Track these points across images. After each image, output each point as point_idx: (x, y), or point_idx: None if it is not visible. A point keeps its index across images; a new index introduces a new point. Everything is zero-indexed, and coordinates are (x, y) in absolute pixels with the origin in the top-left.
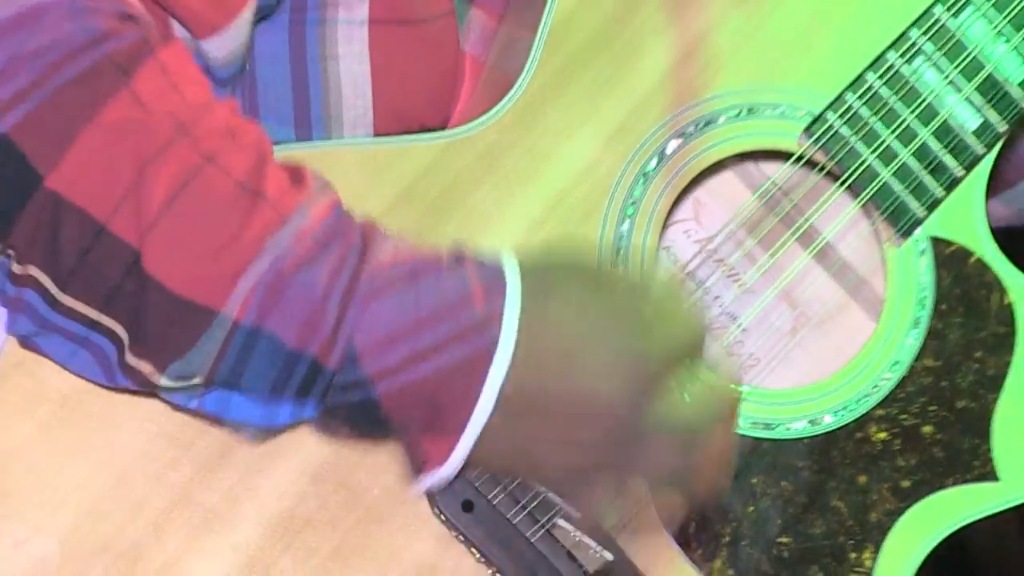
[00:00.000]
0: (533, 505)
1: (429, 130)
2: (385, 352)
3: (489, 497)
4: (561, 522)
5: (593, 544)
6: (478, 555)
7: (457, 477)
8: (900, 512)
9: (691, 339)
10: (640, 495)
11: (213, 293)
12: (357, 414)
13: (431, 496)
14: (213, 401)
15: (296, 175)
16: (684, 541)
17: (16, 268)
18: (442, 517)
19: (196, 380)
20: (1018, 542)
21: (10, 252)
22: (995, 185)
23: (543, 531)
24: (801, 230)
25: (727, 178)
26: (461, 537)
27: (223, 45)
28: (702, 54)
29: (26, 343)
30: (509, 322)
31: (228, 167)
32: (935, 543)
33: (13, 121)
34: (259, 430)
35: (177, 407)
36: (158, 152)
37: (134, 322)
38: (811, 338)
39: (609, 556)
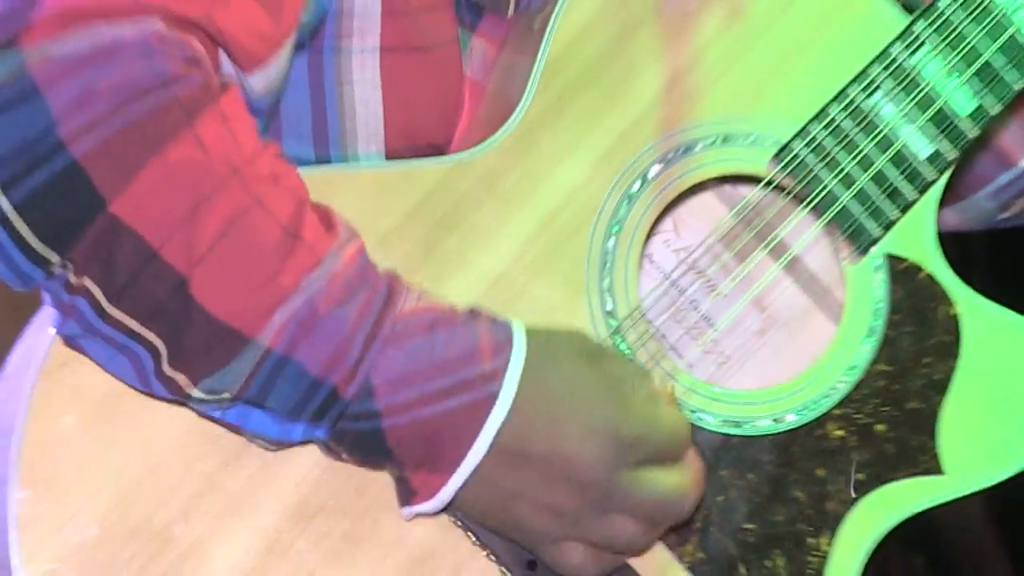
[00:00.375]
0: None
1: (435, 146)
2: (398, 391)
3: None
4: None
5: None
6: (474, 539)
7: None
8: (854, 502)
9: (669, 438)
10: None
11: (251, 322)
12: (363, 441)
13: None
14: (235, 414)
15: (327, 220)
16: None
17: (72, 278)
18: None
19: (225, 395)
20: (963, 529)
21: (68, 264)
22: (948, 197)
23: None
24: (772, 244)
25: (706, 197)
26: (459, 523)
27: (264, 78)
28: (686, 85)
29: (70, 343)
30: (510, 379)
31: (273, 210)
32: (885, 530)
33: (84, 149)
34: (273, 442)
35: (202, 414)
36: (213, 191)
37: (174, 338)
38: (779, 341)
39: None
